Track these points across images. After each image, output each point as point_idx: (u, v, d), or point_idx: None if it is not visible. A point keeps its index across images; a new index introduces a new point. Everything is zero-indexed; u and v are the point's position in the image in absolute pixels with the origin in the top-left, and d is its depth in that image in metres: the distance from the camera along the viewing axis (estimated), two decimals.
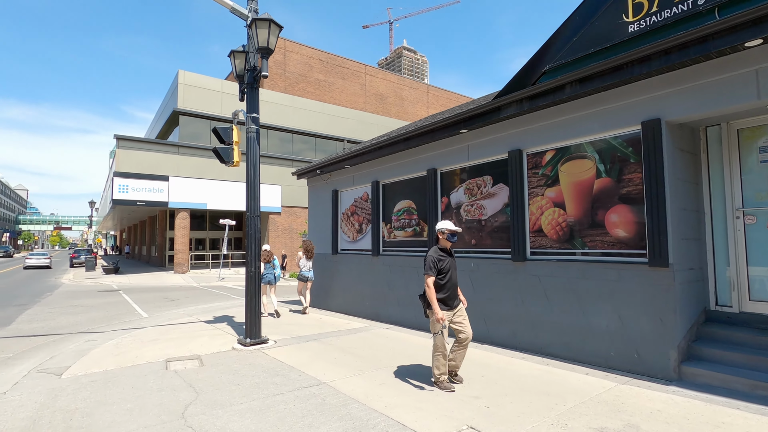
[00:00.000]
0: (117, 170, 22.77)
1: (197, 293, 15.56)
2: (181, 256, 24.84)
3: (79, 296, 14.65)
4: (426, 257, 4.50)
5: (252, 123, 6.90)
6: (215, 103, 27.04)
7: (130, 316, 10.30)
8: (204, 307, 11.75)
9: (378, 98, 37.70)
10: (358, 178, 9.67)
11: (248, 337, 6.53)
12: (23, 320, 9.57)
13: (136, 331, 8.03)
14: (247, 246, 6.72)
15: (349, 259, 9.83)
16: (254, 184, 6.84)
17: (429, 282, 4.37)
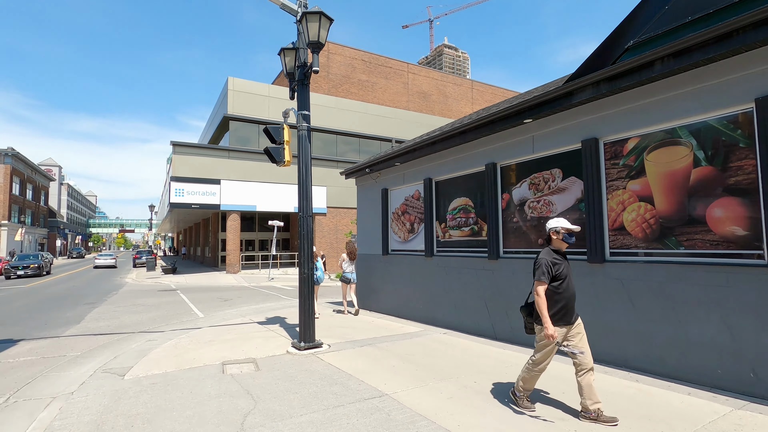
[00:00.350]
0: (174, 175, 23.86)
1: (249, 293, 15.85)
2: (233, 256, 25.63)
3: (141, 295, 15.35)
4: (538, 260, 3.74)
5: (303, 120, 6.72)
6: (263, 107, 27.72)
7: (188, 315, 10.54)
8: (256, 307, 11.86)
9: (421, 96, 37.18)
10: (409, 175, 9.30)
11: (302, 340, 6.34)
12: (91, 318, 10.04)
13: (193, 331, 8.12)
14: (300, 247, 6.55)
15: (400, 260, 9.49)
16: (306, 183, 6.66)
17: (540, 290, 3.61)
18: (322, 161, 28.99)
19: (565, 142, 5.89)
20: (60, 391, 4.83)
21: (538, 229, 6.31)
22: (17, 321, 9.74)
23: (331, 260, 28.58)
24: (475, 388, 4.46)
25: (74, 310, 11.68)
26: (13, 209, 51.26)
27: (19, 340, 7.54)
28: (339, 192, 29.27)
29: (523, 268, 6.38)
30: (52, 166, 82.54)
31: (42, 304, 13.03)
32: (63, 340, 7.61)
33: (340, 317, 9.47)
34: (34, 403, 4.48)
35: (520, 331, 6.31)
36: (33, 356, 6.46)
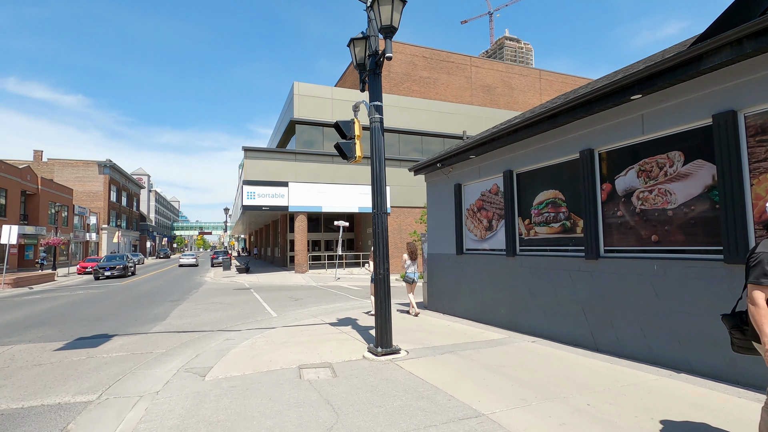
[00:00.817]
0: (245, 179, 24.97)
1: (317, 293, 15.96)
2: (301, 256, 26.28)
3: (218, 294, 16.06)
4: (755, 255, 2.56)
5: (375, 112, 6.34)
6: (326, 109, 28.17)
7: (261, 315, 10.69)
8: (326, 307, 11.79)
9: (485, 90, 35.74)
10: (485, 168, 8.60)
11: (379, 345, 5.95)
12: (175, 316, 10.52)
13: (268, 331, 8.10)
14: (374, 245, 6.17)
15: (476, 260, 8.81)
16: (380, 178, 6.27)
17: (758, 298, 2.47)
18: (385, 160, 28.80)
19: (688, 119, 4.91)
20: (146, 389, 4.85)
21: (651, 223, 5.36)
22: (114, 317, 10.46)
23: (396, 260, 28.31)
24: (592, 413, 3.74)
25: (161, 306, 12.40)
26: (111, 214, 57.36)
27: (113, 336, 7.99)
28: (402, 191, 28.93)
29: (631, 269, 5.46)
30: (143, 175, 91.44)
31: (134, 301, 14.04)
32: (150, 337, 7.93)
33: (411, 319, 9.01)
34: (122, 402, 4.51)
35: (629, 342, 5.42)
36: (124, 352, 6.73)
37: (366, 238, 31.19)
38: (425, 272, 10.98)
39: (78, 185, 53.37)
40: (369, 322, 8.76)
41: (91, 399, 4.62)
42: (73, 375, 5.49)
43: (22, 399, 4.63)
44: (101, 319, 10.01)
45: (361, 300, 13.56)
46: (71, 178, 53.28)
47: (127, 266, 26.98)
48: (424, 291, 10.98)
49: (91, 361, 6.16)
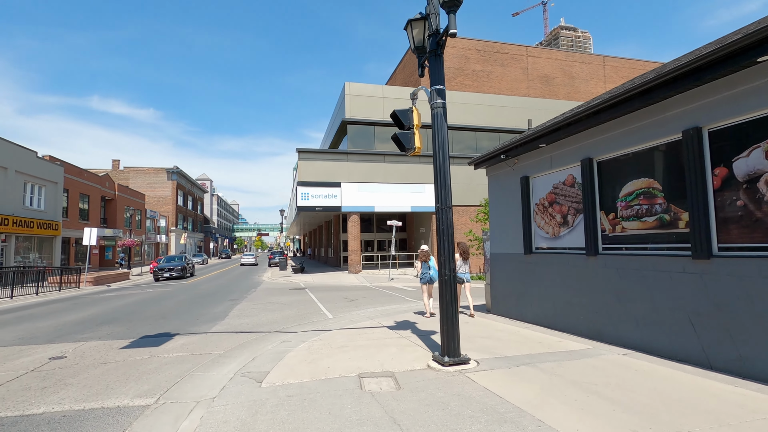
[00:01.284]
0: (299, 180, 25.33)
1: (372, 294, 15.62)
2: (354, 257, 26.21)
3: (275, 293, 16.21)
4: None
5: (438, 96, 5.76)
6: (377, 108, 27.94)
7: (317, 316, 10.46)
8: (382, 309, 11.36)
9: (543, 80, 33.80)
10: (558, 158, 7.71)
11: (446, 354, 5.37)
12: (234, 315, 10.58)
13: (324, 333, 7.79)
14: (439, 243, 5.59)
15: (548, 260, 7.93)
16: (443, 169, 5.69)
17: None
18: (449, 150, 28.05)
19: None
20: (202, 395, 4.63)
21: None
22: (177, 315, 10.72)
23: None
24: None
25: (221, 305, 12.63)
26: (179, 217, 61.29)
27: (175, 335, 8.06)
28: (456, 189, 27.95)
29: (758, 270, 4.45)
30: (206, 180, 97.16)
31: (197, 299, 14.48)
32: (209, 337, 7.90)
33: (475, 324, 8.30)
34: (178, 408, 4.30)
35: (758, 361, 4.40)
36: (183, 352, 6.68)
37: (419, 238, 30.57)
38: (487, 273, 10.20)
39: (149, 191, 57.59)
40: (429, 326, 8.19)
41: (149, 403, 4.47)
42: (134, 375, 5.44)
43: (84, 400, 4.58)
44: (165, 318, 10.27)
45: (417, 302, 13.00)
46: (144, 185, 57.62)
47: (186, 267, 26.92)
48: (486, 293, 10.21)
49: (152, 361, 6.13)
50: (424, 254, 9.31)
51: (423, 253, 9.33)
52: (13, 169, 22.99)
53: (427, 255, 9.30)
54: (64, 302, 14.54)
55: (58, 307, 13.19)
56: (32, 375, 5.51)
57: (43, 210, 26.08)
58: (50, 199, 26.86)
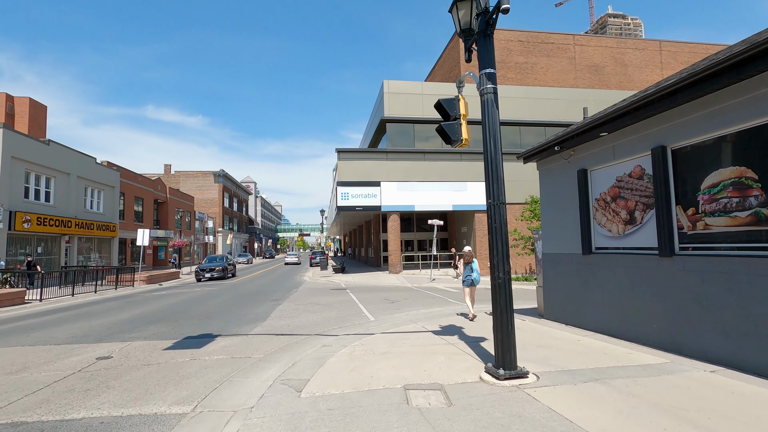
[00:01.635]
0: (339, 180, 25.30)
1: (413, 295, 15.16)
2: (394, 257, 25.84)
3: (317, 293, 16.13)
4: None
5: (488, 81, 5.23)
6: (416, 105, 27.41)
7: (358, 318, 10.15)
8: (425, 312, 10.89)
9: (592, 70, 31.90)
10: (622, 147, 6.92)
11: (500, 366, 4.83)
12: (275, 316, 10.49)
13: (366, 338, 7.43)
14: (490, 243, 5.06)
15: (612, 261, 7.14)
16: (495, 160, 5.15)
17: None
18: (479, 155, 27.12)
19: None
20: (240, 403, 4.39)
21: None
22: (220, 315, 10.79)
23: None
24: None
25: (263, 305, 12.65)
26: (225, 218, 63.68)
27: (217, 336, 8.00)
28: None
29: None
30: (250, 182, 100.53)
31: (240, 299, 14.64)
32: (250, 339, 7.77)
33: (530, 330, 7.65)
34: (215, 418, 4.07)
35: None
36: (224, 355, 6.54)
37: (460, 238, 29.74)
38: (539, 275, 9.47)
39: (198, 193, 60.22)
40: (477, 332, 7.64)
41: (186, 411, 4.27)
42: (174, 379, 5.31)
43: (123, 405, 4.46)
44: (209, 318, 10.34)
45: (460, 304, 12.41)
46: (193, 188, 60.33)
47: (227, 268, 26.15)
48: (538, 296, 9.48)
49: (193, 364, 6.02)
50: (467, 256, 9.12)
51: (467, 255, 9.14)
52: (75, 175, 24.54)
53: (471, 257, 9.11)
54: (118, 300, 15.18)
55: (112, 305, 13.75)
56: (78, 376, 5.53)
57: (102, 213, 27.69)
58: (108, 203, 28.50)
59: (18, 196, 20.11)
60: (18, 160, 20.07)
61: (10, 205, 19.39)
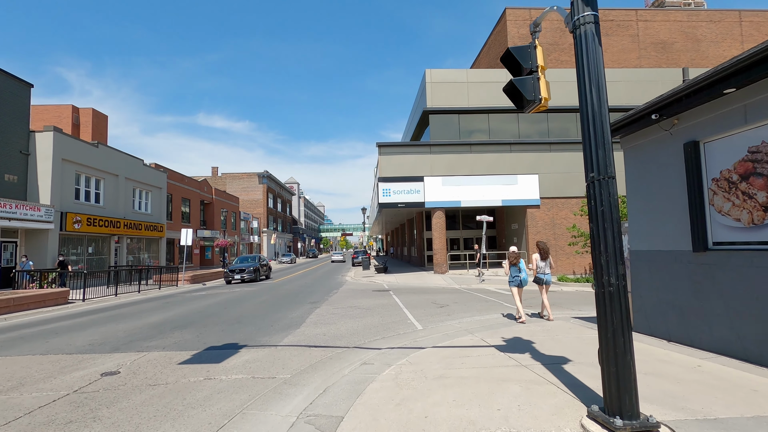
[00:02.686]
0: (380, 176, 24.12)
1: (463, 298, 13.64)
2: (440, 256, 24.30)
3: (358, 295, 15.00)
4: None
5: (585, 6, 3.71)
6: (461, 95, 25.70)
7: (403, 325, 8.83)
8: (480, 319, 9.39)
9: (659, 47, 28.65)
10: (759, 107, 5.11)
11: (615, 412, 3.32)
12: (311, 322, 9.40)
13: (415, 354, 6.10)
14: (595, 234, 3.56)
15: (743, 261, 5.35)
16: (600, 117, 3.64)
17: None
18: (532, 145, 24.99)
19: None
20: None
21: None
22: (252, 320, 9.87)
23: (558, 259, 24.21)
24: None
25: (300, 308, 11.65)
26: (269, 219, 64.64)
27: (242, 347, 6.98)
28: (554, 179, 24.67)
29: None
30: (293, 183, 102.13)
31: (277, 301, 13.78)
32: (278, 352, 6.66)
33: None
34: None
35: None
36: (244, 374, 5.45)
37: (510, 236, 27.65)
38: (629, 277, 7.69)
39: (243, 194, 61.49)
40: (552, 348, 6.10)
41: None
42: (176, 410, 4.24)
43: None
44: (240, 323, 9.44)
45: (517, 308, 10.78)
46: (238, 189, 61.69)
47: (259, 269, 23.34)
48: None
49: (205, 386, 4.96)
50: (514, 256, 8.86)
51: (513, 255, 8.88)
52: (123, 176, 25.05)
53: (518, 257, 8.88)
54: (157, 301, 14.83)
55: (148, 306, 13.32)
56: (69, 399, 4.61)
57: (150, 213, 28.24)
58: (155, 203, 29.05)
59: (69, 197, 20.59)
60: (68, 162, 20.55)
61: (61, 206, 19.86)
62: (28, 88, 19.40)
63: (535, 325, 8.17)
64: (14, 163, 18.48)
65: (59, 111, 27.11)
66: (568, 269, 24.25)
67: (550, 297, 14.49)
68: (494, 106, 25.73)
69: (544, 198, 24.65)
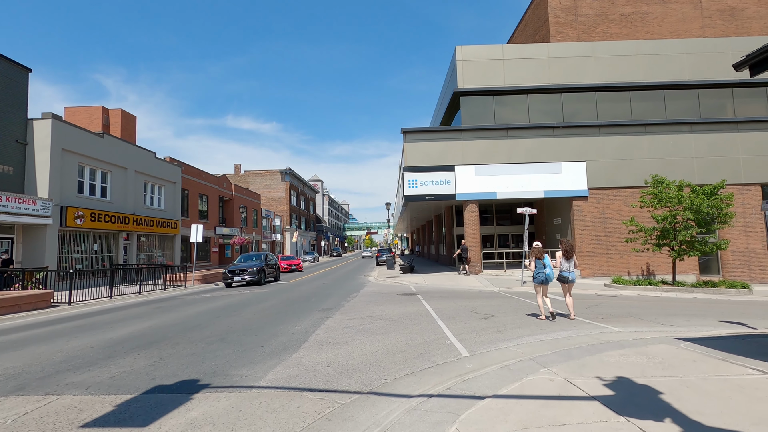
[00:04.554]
0: (405, 165, 21.66)
1: (509, 305, 11.04)
2: (473, 254, 21.61)
3: (379, 300, 12.63)
4: None
5: None
6: (496, 73, 22.88)
7: (441, 349, 6.37)
8: (546, 339, 6.83)
9: (726, 14, 24.90)
10: None
11: None
12: (315, 341, 7.06)
13: (468, 414, 3.64)
14: None
15: None
16: None
17: None
18: (577, 128, 21.94)
19: None
20: None
21: None
22: (240, 337, 7.63)
23: (597, 259, 21.12)
24: None
25: (307, 318, 9.39)
26: (292, 216, 63.24)
27: (201, 388, 4.69)
28: (604, 167, 21.56)
29: None
30: (317, 181, 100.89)
31: (283, 308, 11.59)
32: (251, 401, 4.30)
33: None
34: None
35: None
36: None
37: (552, 232, 24.62)
38: None
39: (266, 192, 60.30)
40: (705, 408, 3.49)
41: None
42: None
43: None
44: (224, 340, 7.22)
45: (594, 324, 8.11)
46: (261, 186, 60.56)
47: (263, 269, 19.79)
48: None
49: None
50: (538, 251, 8.75)
51: (537, 250, 8.78)
52: (133, 169, 23.58)
53: (541, 252, 8.73)
54: (150, 305, 12.93)
55: (133, 313, 11.38)
56: None
57: (163, 209, 26.79)
58: (169, 199, 27.60)
59: (70, 190, 19.13)
60: (70, 153, 19.08)
61: (61, 199, 18.39)
62: (25, 73, 17.99)
63: (636, 355, 5.55)
64: (10, 153, 17.08)
65: (90, 112, 27.35)
66: (622, 270, 21.12)
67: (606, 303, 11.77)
68: (534, 85, 22.79)
69: (592, 188, 21.57)
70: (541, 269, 8.50)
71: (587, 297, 13.40)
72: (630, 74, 23.01)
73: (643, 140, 21.83)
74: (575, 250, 8.63)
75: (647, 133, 21.95)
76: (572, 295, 8.85)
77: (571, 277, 8.69)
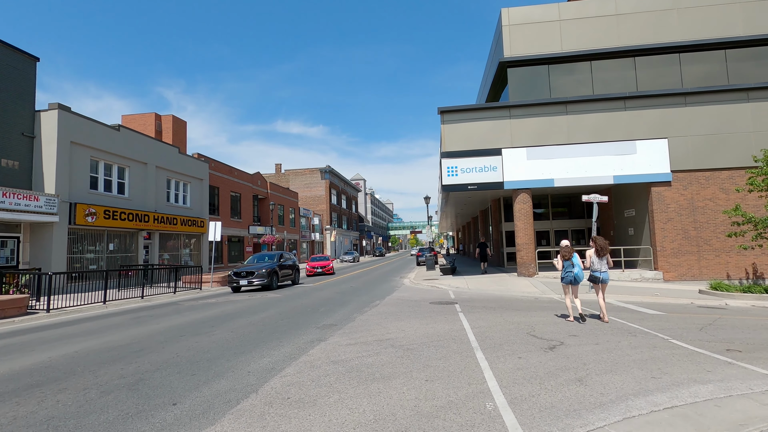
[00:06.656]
0: (444, 150, 18.60)
1: (576, 324, 7.78)
2: (526, 253, 18.11)
3: (405, 313, 9.81)
4: None
5: None
6: (552, 37, 19.23)
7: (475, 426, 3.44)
8: (671, 403, 3.69)
9: None
10: None
11: None
12: (262, 398, 4.34)
13: None
14: None
15: None
16: None
17: None
18: (656, 98, 17.77)
19: None
20: None
21: None
22: (159, 381, 5.12)
23: (684, 258, 16.88)
24: None
25: (287, 345, 6.77)
26: (332, 215, 61.71)
27: None
28: (693, 144, 17.30)
29: None
30: (359, 180, 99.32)
31: (274, 322, 9.10)
32: None
33: None
34: None
35: None
36: None
37: (623, 225, 20.47)
38: None
39: (306, 191, 59.19)
40: None
41: None
42: None
43: None
44: (135, 386, 4.78)
45: (740, 366, 4.78)
46: (301, 185, 59.55)
47: (276, 271, 17.41)
48: None
49: None
50: (567, 250, 8.31)
51: (566, 250, 8.33)
52: (154, 165, 22.37)
53: (570, 251, 8.30)
54: (131, 314, 10.97)
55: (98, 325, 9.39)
56: None
57: (189, 207, 25.56)
58: (196, 196, 26.36)
59: (82, 186, 17.95)
60: (80, 146, 17.90)
61: (69, 195, 17.21)
62: (33, 62, 16.98)
63: None
64: (15, 146, 16.05)
65: (144, 119, 28.36)
66: (718, 272, 16.76)
67: (722, 320, 8.13)
68: (599, 48, 18.90)
69: (677, 171, 17.35)
70: (570, 269, 8.25)
71: (686, 309, 9.80)
72: (725, 27, 18.46)
73: (746, 109, 17.27)
74: (608, 249, 8.28)
75: (750, 99, 17.33)
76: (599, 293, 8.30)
77: (603, 277, 8.25)
